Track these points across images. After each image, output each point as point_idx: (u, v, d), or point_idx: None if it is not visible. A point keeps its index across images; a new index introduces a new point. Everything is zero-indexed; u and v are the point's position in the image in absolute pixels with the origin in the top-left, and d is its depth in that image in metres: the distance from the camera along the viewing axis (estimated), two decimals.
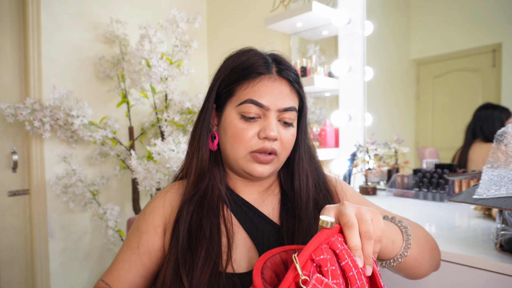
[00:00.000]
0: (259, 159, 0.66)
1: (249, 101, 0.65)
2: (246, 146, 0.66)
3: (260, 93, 0.65)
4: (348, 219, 0.47)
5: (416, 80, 1.87)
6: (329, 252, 0.44)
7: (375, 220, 0.49)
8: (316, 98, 2.00)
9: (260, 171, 0.67)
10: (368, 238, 0.47)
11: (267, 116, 0.66)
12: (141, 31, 1.82)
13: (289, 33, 2.00)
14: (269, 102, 0.65)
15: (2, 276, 1.76)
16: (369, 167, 1.65)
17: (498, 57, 1.60)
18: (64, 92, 1.66)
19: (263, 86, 0.65)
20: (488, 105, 1.59)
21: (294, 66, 0.71)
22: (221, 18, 2.44)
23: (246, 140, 0.65)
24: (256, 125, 0.66)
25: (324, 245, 0.45)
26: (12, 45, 1.78)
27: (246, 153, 0.66)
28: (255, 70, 0.66)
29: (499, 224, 0.87)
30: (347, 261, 0.45)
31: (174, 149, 1.47)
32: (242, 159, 0.67)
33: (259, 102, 0.65)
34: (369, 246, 0.47)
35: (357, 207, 0.50)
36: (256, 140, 0.66)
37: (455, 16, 1.72)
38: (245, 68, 0.67)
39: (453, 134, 1.70)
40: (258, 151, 0.66)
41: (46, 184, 1.81)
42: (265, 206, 0.73)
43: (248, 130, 0.65)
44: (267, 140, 0.65)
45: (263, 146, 0.65)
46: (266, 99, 0.65)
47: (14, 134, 1.80)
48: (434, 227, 1.10)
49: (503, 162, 0.84)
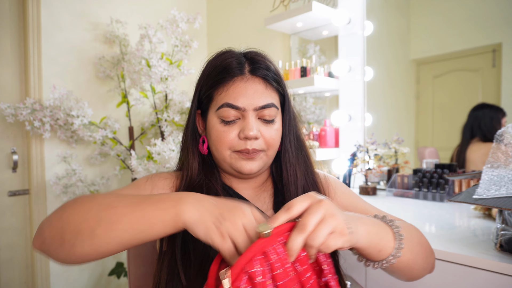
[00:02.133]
0: (244, 156, 0.68)
1: (225, 105, 0.66)
2: (229, 147, 0.68)
3: (234, 95, 0.66)
4: (305, 222, 0.46)
5: (416, 80, 1.87)
6: (262, 263, 0.44)
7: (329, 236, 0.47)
8: (316, 98, 2.00)
9: (249, 168, 0.68)
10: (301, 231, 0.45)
11: (245, 116, 0.67)
12: (141, 31, 1.82)
13: (289, 33, 2.00)
14: (244, 103, 0.66)
15: (2, 276, 1.76)
16: (369, 167, 1.65)
17: (498, 57, 1.60)
18: (64, 92, 1.66)
19: (236, 88, 0.67)
20: (483, 105, 1.61)
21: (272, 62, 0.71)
22: (221, 18, 2.44)
23: (228, 142, 0.67)
24: (236, 126, 0.67)
25: (259, 256, 0.45)
26: (12, 45, 1.78)
27: (230, 153, 0.69)
28: (228, 73, 0.67)
29: (499, 224, 0.87)
30: (280, 271, 0.45)
31: (174, 149, 1.47)
32: (228, 158, 0.69)
33: (235, 105, 0.66)
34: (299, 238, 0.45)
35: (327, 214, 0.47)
36: (237, 141, 0.67)
37: (455, 16, 1.72)
38: (219, 73, 0.68)
39: (453, 134, 1.70)
40: (240, 152, 0.68)
41: (46, 184, 1.81)
42: (259, 201, 0.75)
43: (228, 132, 0.67)
44: (247, 140, 0.67)
45: (245, 147, 0.67)
46: (241, 100, 0.66)
47: (14, 134, 1.80)
48: (434, 227, 1.10)
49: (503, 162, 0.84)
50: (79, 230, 0.50)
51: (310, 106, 1.98)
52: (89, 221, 0.51)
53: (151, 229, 0.50)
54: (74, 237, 0.50)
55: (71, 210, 0.53)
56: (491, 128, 1.55)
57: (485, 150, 1.57)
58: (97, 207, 0.52)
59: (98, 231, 0.50)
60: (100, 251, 0.51)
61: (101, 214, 0.51)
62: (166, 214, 0.50)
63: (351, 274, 1.09)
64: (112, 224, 0.50)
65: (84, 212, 0.52)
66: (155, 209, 0.51)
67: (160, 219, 0.50)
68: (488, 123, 1.57)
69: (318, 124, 1.96)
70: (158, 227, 0.50)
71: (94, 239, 0.50)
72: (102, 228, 0.50)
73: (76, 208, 0.53)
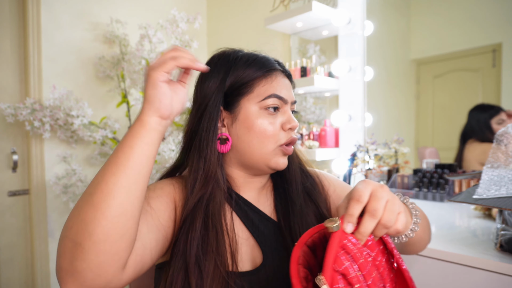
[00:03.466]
0: (287, 151, 0.69)
1: (273, 96, 0.67)
2: (276, 139, 0.68)
3: (279, 88, 0.69)
4: (376, 207, 0.48)
5: (416, 80, 1.87)
6: (347, 257, 0.46)
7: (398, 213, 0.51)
8: (316, 98, 2.00)
9: (284, 163, 0.70)
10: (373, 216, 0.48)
11: (285, 108, 0.70)
12: (141, 31, 1.82)
13: (289, 33, 2.00)
14: (286, 96, 0.69)
15: (2, 276, 1.76)
16: (369, 167, 1.65)
17: (498, 57, 1.60)
18: (64, 92, 1.66)
19: (280, 81, 0.70)
20: (477, 107, 1.65)
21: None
22: (221, 18, 2.44)
23: (274, 134, 0.68)
24: (278, 118, 0.69)
25: (341, 251, 0.46)
26: (12, 45, 1.78)
27: (275, 147, 0.68)
28: (271, 67, 0.70)
29: (499, 224, 0.87)
30: (362, 261, 0.46)
31: (174, 149, 1.47)
32: (270, 153, 0.68)
33: (282, 97, 0.68)
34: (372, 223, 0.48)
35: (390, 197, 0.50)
36: (282, 132, 0.69)
37: (455, 16, 1.72)
38: (262, 65, 0.69)
39: (453, 134, 1.70)
40: (286, 143, 0.69)
41: (46, 184, 1.81)
42: (262, 203, 0.74)
43: (273, 124, 0.68)
44: (291, 131, 0.69)
45: (291, 137, 0.69)
46: (284, 93, 0.69)
47: (14, 134, 1.80)
48: (434, 227, 1.10)
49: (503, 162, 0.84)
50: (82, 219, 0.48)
51: (310, 106, 1.98)
52: (84, 205, 0.49)
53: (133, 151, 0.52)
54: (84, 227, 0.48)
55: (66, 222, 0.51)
56: (478, 129, 1.61)
57: (480, 150, 1.60)
58: (82, 196, 0.51)
59: (95, 199, 0.48)
60: (116, 213, 0.48)
61: (89, 190, 0.50)
62: (133, 131, 0.54)
63: None
64: (100, 183, 0.50)
65: (76, 208, 0.50)
66: (124, 140, 0.54)
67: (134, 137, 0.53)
68: (476, 125, 1.62)
69: (318, 124, 1.96)
70: (138, 143, 0.53)
71: (99, 208, 0.48)
72: (97, 193, 0.49)
73: (68, 218, 0.51)
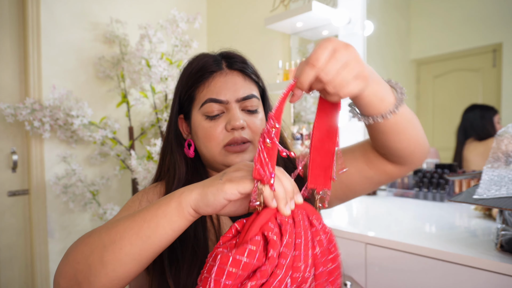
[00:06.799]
0: (233, 150, 0.68)
1: (208, 101, 0.68)
2: (218, 142, 0.68)
3: (216, 90, 0.68)
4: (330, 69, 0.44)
5: (416, 80, 1.87)
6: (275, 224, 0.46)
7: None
8: (316, 98, 2.00)
9: (239, 161, 0.68)
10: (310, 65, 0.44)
11: (229, 109, 0.68)
12: (141, 31, 1.82)
13: (289, 33, 2.00)
14: (226, 96, 0.68)
15: (2, 276, 1.76)
16: None
17: (498, 57, 1.60)
18: (64, 92, 1.66)
19: (217, 83, 0.69)
20: (474, 106, 1.66)
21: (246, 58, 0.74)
22: (221, 18, 2.44)
23: (216, 137, 0.68)
24: (222, 120, 0.68)
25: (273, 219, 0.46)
26: (12, 45, 1.78)
27: (220, 149, 0.68)
28: (207, 70, 0.69)
29: (499, 224, 0.87)
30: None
31: None
32: (218, 155, 0.69)
33: (218, 99, 0.67)
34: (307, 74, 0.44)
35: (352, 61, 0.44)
36: (224, 133, 0.68)
37: (455, 16, 1.72)
38: (198, 72, 0.70)
39: (453, 134, 1.70)
40: (229, 143, 0.68)
41: (46, 184, 1.81)
42: None
43: (215, 127, 0.68)
44: (235, 130, 0.68)
45: (233, 137, 0.67)
46: (223, 93, 0.68)
47: (14, 134, 1.80)
48: (435, 227, 1.10)
49: (503, 162, 0.84)
50: (89, 265, 0.48)
51: (310, 106, 1.98)
52: (95, 251, 0.48)
53: (158, 230, 0.47)
54: (88, 274, 0.48)
55: (76, 250, 0.51)
56: (482, 127, 1.60)
57: (482, 149, 1.60)
58: (97, 235, 0.50)
59: (106, 257, 0.47)
60: (118, 277, 0.48)
61: (104, 239, 0.49)
62: (168, 207, 0.47)
63: (351, 274, 1.09)
64: (117, 243, 0.48)
65: (87, 246, 0.50)
66: (156, 209, 0.48)
67: (164, 215, 0.47)
68: (479, 123, 1.62)
69: None
70: (164, 225, 0.47)
71: (106, 266, 0.47)
72: (109, 251, 0.47)
73: (79, 247, 0.51)
